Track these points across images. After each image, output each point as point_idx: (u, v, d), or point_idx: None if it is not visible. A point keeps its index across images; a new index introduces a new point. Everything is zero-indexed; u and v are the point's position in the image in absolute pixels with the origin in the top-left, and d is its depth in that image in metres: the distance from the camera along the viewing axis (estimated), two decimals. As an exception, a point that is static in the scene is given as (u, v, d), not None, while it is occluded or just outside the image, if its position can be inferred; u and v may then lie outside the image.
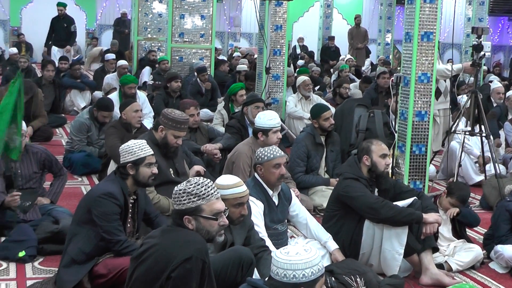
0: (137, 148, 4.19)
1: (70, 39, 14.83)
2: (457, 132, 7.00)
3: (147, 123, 7.85)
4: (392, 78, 6.67)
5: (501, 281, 4.84)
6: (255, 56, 12.97)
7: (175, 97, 9.31)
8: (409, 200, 4.72)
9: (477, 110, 6.80)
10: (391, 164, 5.74)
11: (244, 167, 5.55)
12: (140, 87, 11.44)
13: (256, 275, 3.85)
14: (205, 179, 3.30)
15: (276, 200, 4.64)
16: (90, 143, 7.34)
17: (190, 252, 3.06)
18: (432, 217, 4.66)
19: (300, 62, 16.15)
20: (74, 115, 9.86)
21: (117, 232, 4.06)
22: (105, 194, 4.05)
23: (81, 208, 4.17)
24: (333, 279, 3.98)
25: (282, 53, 9.55)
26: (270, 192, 4.58)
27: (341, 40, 18.89)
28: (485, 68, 15.23)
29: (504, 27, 22.77)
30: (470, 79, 8.25)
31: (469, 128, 7.02)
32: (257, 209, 4.37)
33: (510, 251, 4.93)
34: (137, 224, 4.34)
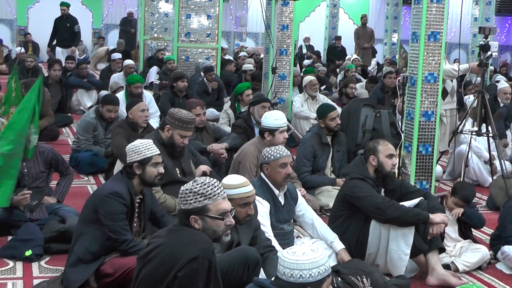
0: (143, 147, 4.19)
1: (74, 39, 14.59)
2: (463, 132, 6.99)
3: (154, 123, 7.86)
4: (398, 78, 6.66)
5: (508, 282, 4.82)
6: (261, 56, 12.97)
7: (181, 97, 9.32)
8: (416, 201, 4.71)
9: (483, 110, 6.78)
10: (397, 164, 5.73)
11: (250, 167, 5.54)
12: (147, 87, 11.46)
13: (262, 275, 3.85)
14: (212, 179, 3.29)
15: (282, 200, 4.64)
16: (96, 142, 7.35)
17: (197, 251, 3.06)
18: (438, 217, 4.65)
19: (306, 62, 16.14)
20: (81, 114, 9.88)
21: (123, 231, 4.06)
22: (111, 194, 4.06)
23: (87, 207, 4.18)
24: (339, 279, 3.97)
25: (288, 53, 9.54)
26: (276, 192, 4.58)
27: (347, 40, 18.88)
28: (491, 68, 15.18)
29: (511, 27, 22.73)
30: (477, 79, 8.24)
31: (476, 128, 7.00)
32: (263, 208, 4.37)
33: (517, 252, 4.92)
34: (143, 224, 4.34)
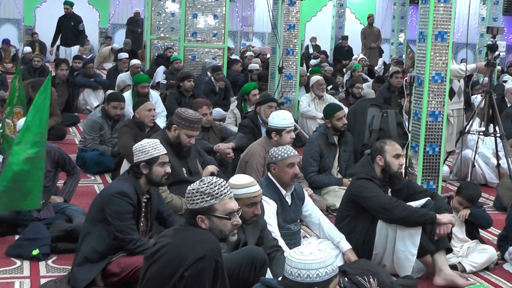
0: (150, 147, 4.19)
1: (79, 38, 14.35)
2: (471, 132, 6.97)
3: (160, 122, 7.86)
4: (405, 78, 6.65)
5: (515, 282, 4.81)
6: (268, 55, 12.97)
7: (188, 97, 9.33)
8: (423, 201, 4.70)
9: (491, 110, 6.77)
10: (404, 164, 5.71)
11: (257, 167, 5.54)
12: (153, 86, 11.46)
13: (269, 274, 3.84)
14: (218, 178, 3.30)
15: (289, 199, 4.64)
16: (103, 141, 7.36)
17: (203, 251, 3.06)
18: (445, 217, 4.64)
19: (312, 61, 16.12)
20: (87, 114, 9.87)
21: (130, 231, 4.07)
22: (118, 193, 4.06)
23: (94, 206, 4.19)
24: (346, 279, 3.97)
25: (295, 52, 9.52)
26: (283, 191, 4.58)
27: (354, 40, 18.86)
28: (499, 68, 15.14)
29: (518, 27, 22.63)
30: (484, 79, 8.21)
31: (483, 129, 6.98)
32: (270, 208, 4.37)
33: (524, 252, 4.91)
34: (150, 223, 4.34)
